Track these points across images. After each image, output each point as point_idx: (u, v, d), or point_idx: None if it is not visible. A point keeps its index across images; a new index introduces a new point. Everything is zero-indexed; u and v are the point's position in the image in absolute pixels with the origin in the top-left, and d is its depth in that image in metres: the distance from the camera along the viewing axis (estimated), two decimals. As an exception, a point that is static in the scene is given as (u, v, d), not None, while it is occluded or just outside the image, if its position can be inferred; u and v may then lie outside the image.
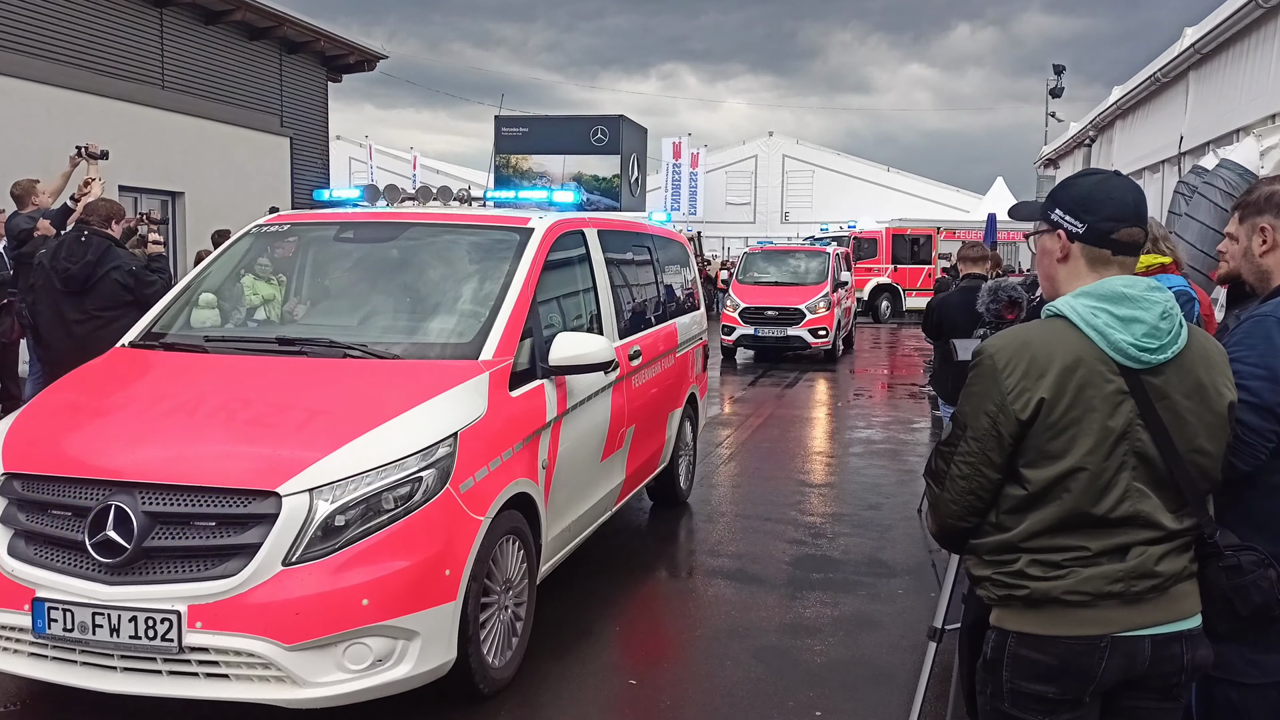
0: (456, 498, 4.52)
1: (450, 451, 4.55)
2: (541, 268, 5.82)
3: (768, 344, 20.95)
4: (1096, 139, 19.89)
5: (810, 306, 20.36)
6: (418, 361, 5.18)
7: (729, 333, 20.78)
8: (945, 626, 3.95)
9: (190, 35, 17.93)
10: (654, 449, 7.68)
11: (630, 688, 5.29)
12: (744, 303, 20.87)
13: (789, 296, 20.75)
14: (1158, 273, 4.83)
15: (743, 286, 21.67)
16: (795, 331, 20.37)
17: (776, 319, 20.46)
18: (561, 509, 5.72)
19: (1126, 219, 2.62)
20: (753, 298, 20.98)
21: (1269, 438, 2.82)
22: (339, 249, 6.61)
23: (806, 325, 20.31)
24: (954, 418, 2.71)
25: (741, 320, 20.66)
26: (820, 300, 20.56)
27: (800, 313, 20.37)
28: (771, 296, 20.85)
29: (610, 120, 33.95)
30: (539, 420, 5.37)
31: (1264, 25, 10.27)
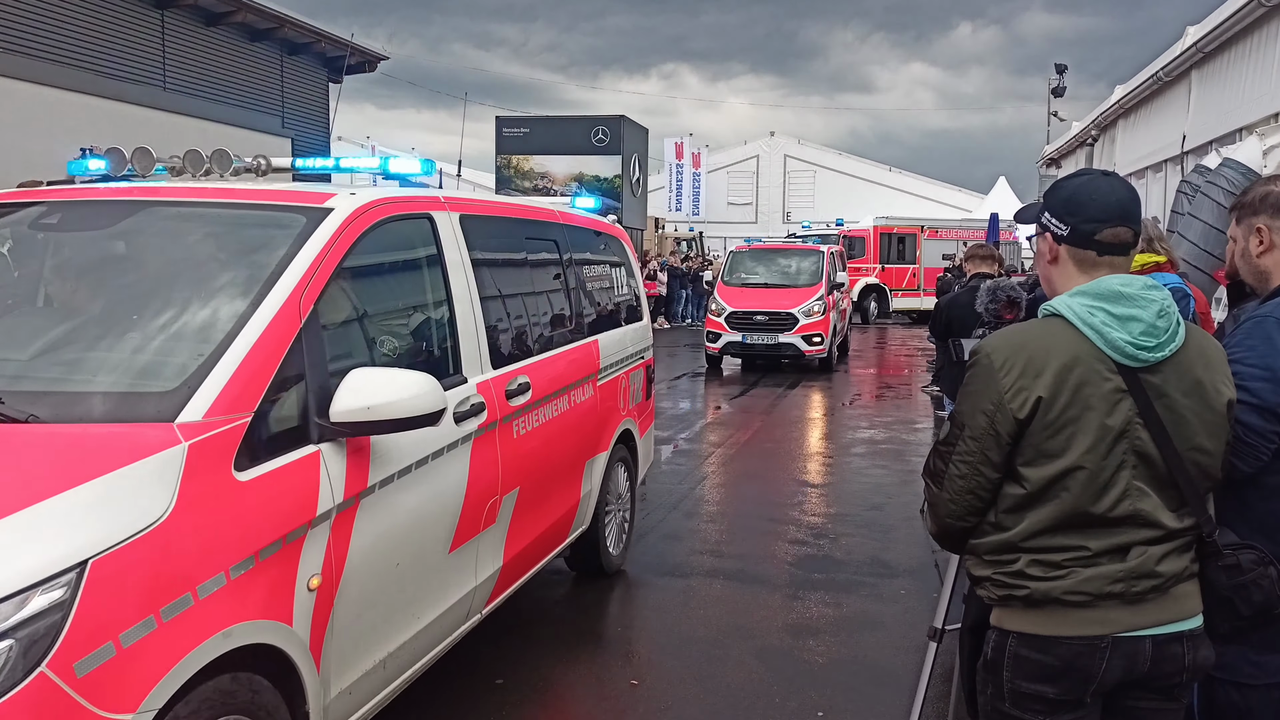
0: (64, 688, 2.54)
1: (60, 600, 2.57)
2: (336, 269, 3.88)
3: (757, 352, 19.47)
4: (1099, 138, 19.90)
5: (804, 311, 18.88)
6: (63, 426, 3.15)
7: (714, 339, 19.30)
8: (946, 627, 3.94)
9: (192, 37, 17.95)
10: (560, 513, 5.80)
11: (632, 688, 5.28)
12: (730, 307, 19.38)
13: (780, 300, 19.25)
14: (1153, 271, 4.84)
15: (729, 289, 20.17)
16: (787, 338, 18.91)
17: (766, 325, 18.99)
18: (365, 642, 3.79)
19: (1109, 220, 2.61)
20: (740, 301, 19.51)
21: (1271, 439, 2.81)
22: (35, 241, 4.53)
23: (800, 331, 18.83)
24: (952, 417, 2.71)
25: (728, 326, 19.17)
26: (815, 303, 19.08)
27: (792, 318, 18.90)
28: (761, 300, 19.39)
29: (612, 120, 33.96)
30: (302, 513, 3.40)
31: (1266, 24, 10.27)
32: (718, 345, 19.21)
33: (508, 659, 5.55)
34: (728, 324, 19.11)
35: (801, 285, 19.64)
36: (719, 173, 50.92)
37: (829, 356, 19.43)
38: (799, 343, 18.79)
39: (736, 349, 19.32)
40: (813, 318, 18.87)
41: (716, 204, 49.30)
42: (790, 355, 19.20)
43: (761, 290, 19.75)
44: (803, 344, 18.80)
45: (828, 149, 54.82)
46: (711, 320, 19.48)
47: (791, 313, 18.86)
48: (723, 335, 19.13)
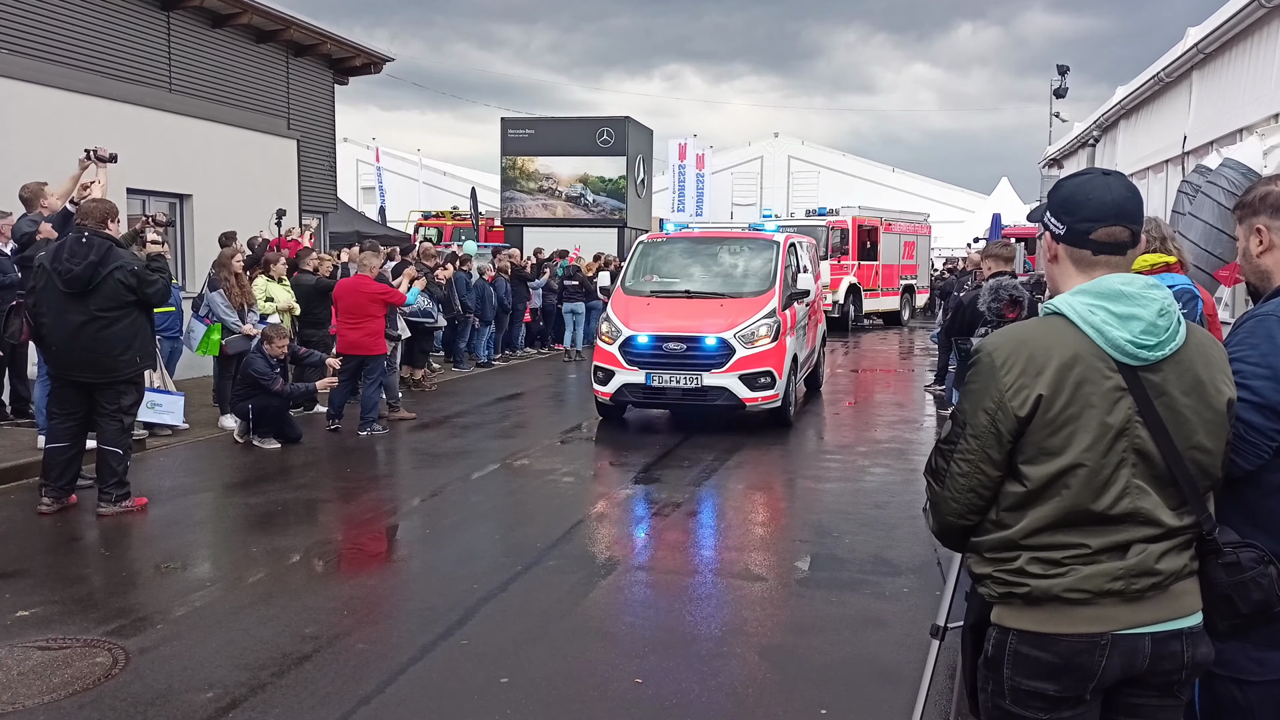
0: None
1: None
2: None
3: (670, 401, 12.67)
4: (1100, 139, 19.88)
5: (744, 335, 12.29)
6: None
7: (604, 380, 12.66)
8: (948, 625, 3.96)
9: (197, 38, 17.97)
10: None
11: (636, 686, 5.30)
12: (629, 329, 12.54)
13: (709, 318, 12.59)
14: (1162, 271, 4.85)
15: (632, 300, 13.26)
16: (717, 379, 12.19)
17: (685, 358, 12.30)
18: None
19: (1104, 219, 2.63)
20: (647, 320, 12.67)
21: (1272, 437, 2.83)
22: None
23: (737, 368, 12.15)
24: (953, 415, 2.73)
25: (625, 359, 12.44)
26: (761, 323, 12.43)
27: (725, 348, 12.22)
28: (679, 317, 12.70)
29: (616, 121, 33.94)
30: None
31: (1267, 25, 10.28)
32: (609, 389, 12.63)
33: (512, 657, 5.58)
34: (625, 355, 12.49)
35: (745, 294, 13.09)
36: (723, 174, 50.93)
37: (785, 406, 12.67)
38: (735, 386, 12.19)
39: (638, 395, 12.60)
40: (758, 345, 12.29)
41: (720, 205, 49.25)
42: (722, 407, 12.44)
43: (681, 303, 13.08)
44: (742, 388, 12.19)
45: (831, 150, 54.90)
46: (601, 350, 12.80)
47: (724, 339, 12.25)
48: (617, 373, 12.51)
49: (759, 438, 12.23)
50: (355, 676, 5.32)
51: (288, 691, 5.15)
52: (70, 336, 8.07)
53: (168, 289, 8.47)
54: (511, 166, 33.90)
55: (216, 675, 5.33)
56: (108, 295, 8.01)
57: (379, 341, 12.48)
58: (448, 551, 7.72)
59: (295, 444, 11.43)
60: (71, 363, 8.17)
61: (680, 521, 8.48)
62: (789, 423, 12.92)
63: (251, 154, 19.09)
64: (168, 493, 9.27)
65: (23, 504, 8.61)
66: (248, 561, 7.34)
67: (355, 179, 48.52)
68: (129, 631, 5.91)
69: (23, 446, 10.17)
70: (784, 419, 12.87)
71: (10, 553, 7.40)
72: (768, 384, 12.31)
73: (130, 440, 8.62)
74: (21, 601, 6.37)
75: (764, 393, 12.30)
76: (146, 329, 8.45)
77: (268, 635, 5.88)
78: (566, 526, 8.21)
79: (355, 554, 7.86)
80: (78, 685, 5.18)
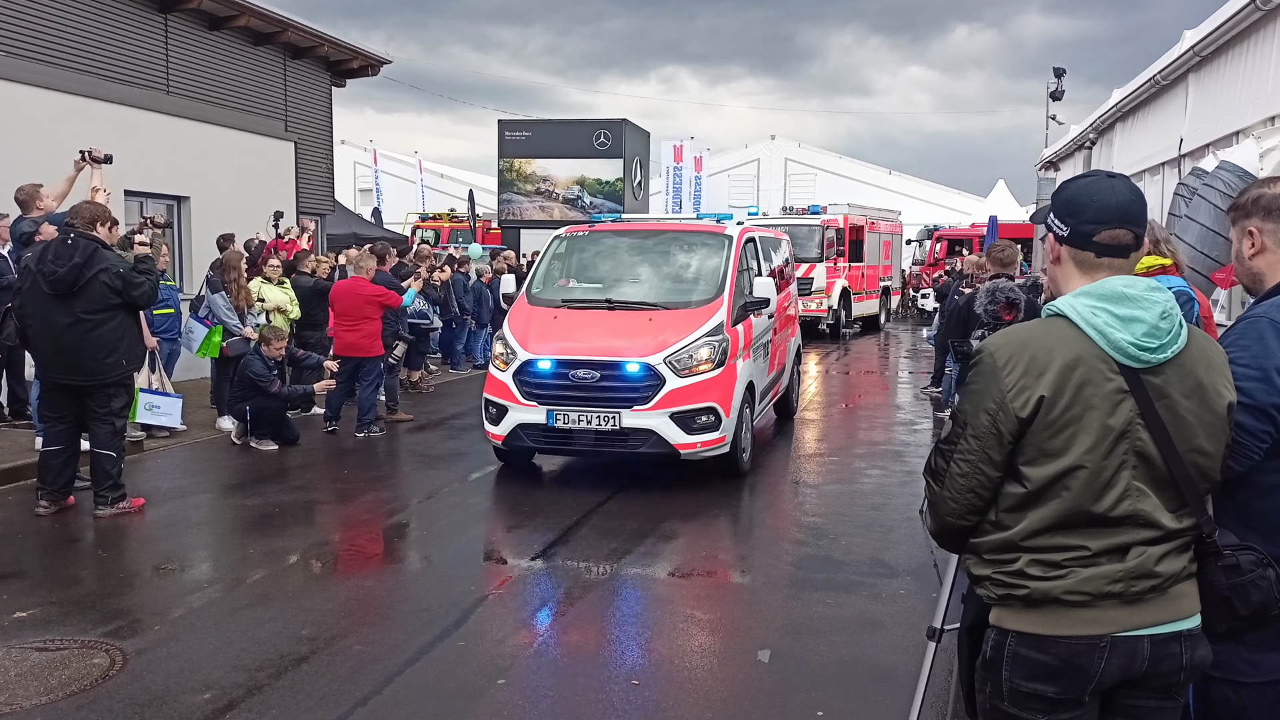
0: None
1: None
2: None
3: (580, 448, 9.81)
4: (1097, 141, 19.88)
5: (677, 359, 9.44)
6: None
7: (496, 417, 9.80)
8: (945, 627, 3.97)
9: (195, 41, 17.97)
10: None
11: (634, 688, 5.31)
12: (528, 350, 9.73)
13: (630, 335, 9.73)
14: (1158, 274, 4.87)
15: (536, 312, 10.38)
16: (639, 419, 9.35)
17: (597, 390, 9.47)
18: None
19: (1108, 221, 2.63)
20: (551, 338, 9.83)
21: (1263, 438, 2.84)
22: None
23: (666, 404, 9.33)
24: (953, 415, 2.73)
25: (521, 392, 9.64)
26: (700, 343, 9.59)
27: (651, 376, 9.39)
28: (594, 334, 9.85)
29: (613, 124, 33.94)
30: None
31: (1263, 28, 10.28)
32: (501, 430, 9.75)
33: (509, 658, 5.58)
34: (521, 386, 9.64)
35: (684, 304, 10.19)
36: (719, 176, 50.86)
37: (735, 451, 9.81)
38: (665, 428, 9.31)
39: (537, 439, 9.72)
40: (697, 373, 9.44)
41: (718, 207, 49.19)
42: (648, 455, 9.56)
43: (600, 316, 10.17)
44: (673, 430, 9.32)
45: (828, 152, 54.83)
46: (493, 378, 9.96)
47: (650, 365, 9.37)
48: (511, 410, 9.65)
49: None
50: (352, 678, 5.32)
51: (285, 693, 5.15)
52: (56, 339, 8.03)
53: (155, 291, 8.43)
54: (508, 169, 33.88)
55: (214, 676, 5.33)
56: (93, 297, 7.97)
57: (376, 343, 12.47)
58: (445, 553, 7.73)
59: (293, 446, 11.42)
60: (58, 365, 8.15)
61: (677, 523, 8.48)
62: (740, 472, 10.01)
63: (249, 156, 19.08)
64: (165, 494, 9.26)
65: (20, 505, 8.61)
66: (245, 563, 7.34)
67: (352, 181, 48.47)
68: (126, 633, 5.91)
69: (20, 448, 10.17)
70: (733, 468, 9.92)
71: (8, 554, 7.40)
72: (709, 423, 9.38)
73: (123, 442, 8.60)
74: (19, 603, 6.37)
75: (704, 435, 9.36)
76: (134, 331, 8.42)
77: (265, 636, 5.88)
78: (567, 525, 8.21)
79: (352, 555, 7.86)
80: (75, 686, 5.18)
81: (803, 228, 25.52)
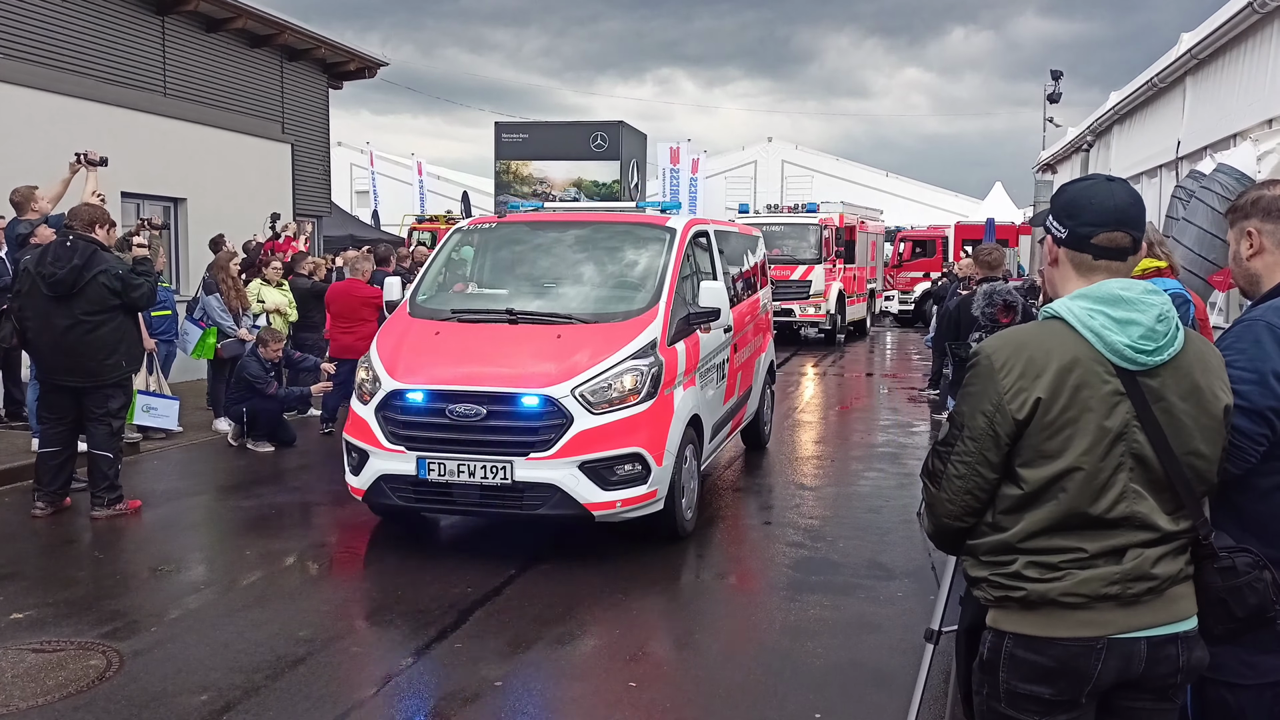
0: None
1: None
2: None
3: (463, 507, 7.57)
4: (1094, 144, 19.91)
5: (590, 389, 7.31)
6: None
7: (356, 465, 7.66)
8: (942, 629, 3.97)
9: (192, 43, 17.97)
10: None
11: (630, 689, 5.31)
12: (395, 379, 7.54)
13: (529, 357, 7.55)
14: (1153, 276, 4.87)
15: (415, 327, 8.20)
16: (538, 470, 7.15)
17: (482, 431, 7.27)
18: None
19: (1105, 224, 2.64)
20: (427, 361, 7.68)
21: (1259, 441, 2.85)
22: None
23: (573, 449, 7.16)
24: (951, 417, 2.73)
25: (384, 433, 7.45)
26: (622, 368, 7.44)
27: (551, 414, 7.22)
28: (483, 356, 7.69)
29: (610, 126, 33.95)
30: None
31: (1260, 30, 10.30)
32: (361, 483, 7.58)
33: (506, 660, 5.58)
34: (386, 425, 7.49)
35: (607, 316, 8.03)
36: (716, 178, 50.87)
37: (670, 509, 7.64)
38: (573, 482, 7.16)
39: (406, 494, 7.46)
40: (617, 408, 7.35)
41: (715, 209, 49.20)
42: (551, 517, 7.41)
43: (496, 332, 7.98)
44: (584, 485, 7.17)
45: (825, 154, 54.92)
46: (354, 415, 7.78)
47: (552, 397, 7.23)
48: (373, 456, 7.48)
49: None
50: (349, 679, 5.32)
51: (282, 694, 5.14)
52: (55, 340, 8.05)
53: (153, 292, 8.45)
54: (505, 170, 33.88)
55: (211, 678, 5.32)
56: (92, 299, 7.98)
57: (372, 345, 12.43)
58: (441, 554, 7.72)
59: (289, 447, 11.41)
60: (57, 367, 8.16)
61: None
62: (680, 534, 7.78)
63: (246, 158, 19.07)
64: (162, 496, 9.25)
65: (17, 507, 8.60)
66: (242, 564, 7.34)
67: (349, 183, 48.43)
68: (123, 634, 5.90)
69: (17, 450, 10.15)
70: (670, 529, 7.69)
71: (4, 556, 7.38)
72: (633, 474, 7.21)
73: (120, 444, 8.60)
74: (16, 604, 6.36)
75: (627, 490, 7.18)
76: (133, 333, 8.43)
77: (262, 638, 5.88)
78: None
79: (349, 557, 7.85)
80: (72, 688, 5.18)
81: (800, 227, 24.99)
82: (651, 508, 7.42)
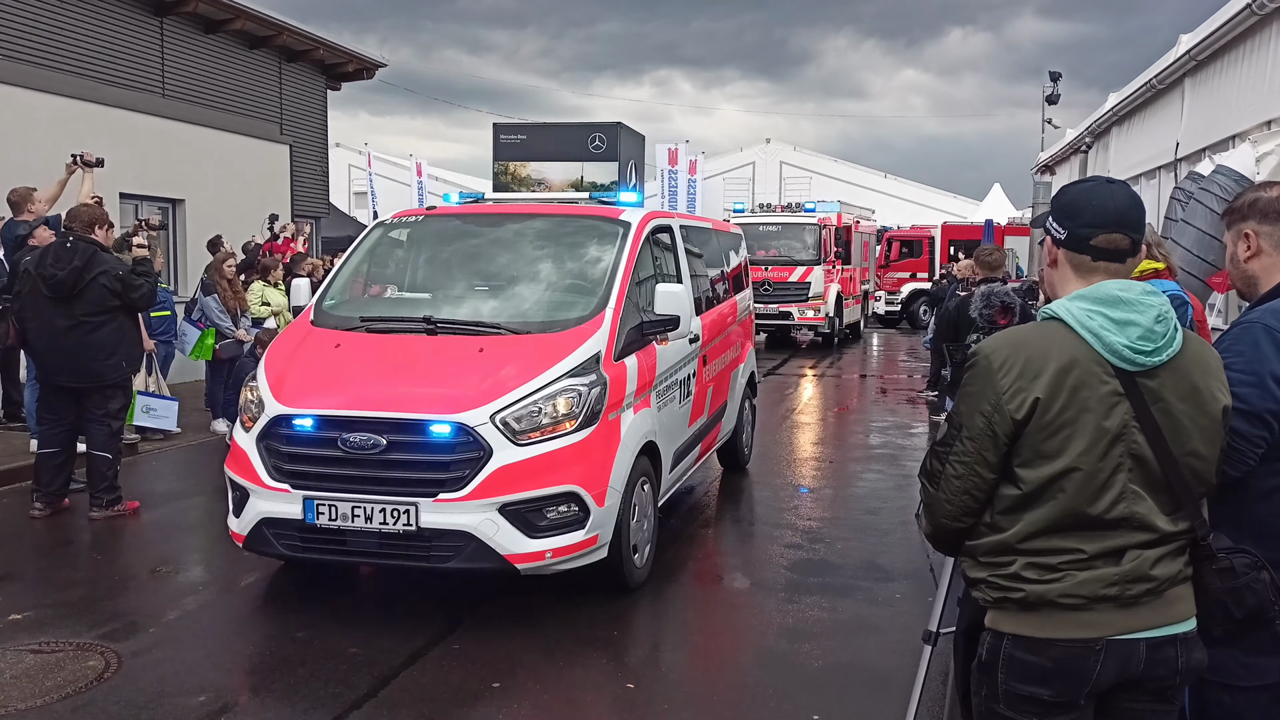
0: None
1: None
2: None
3: (355, 554, 6.16)
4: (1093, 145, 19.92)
5: (513, 415, 6.01)
6: None
7: (238, 506, 6.36)
8: (941, 630, 3.97)
9: (190, 44, 17.98)
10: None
11: (629, 691, 5.30)
12: (281, 402, 6.22)
13: (443, 377, 6.32)
14: (1151, 278, 4.87)
15: (314, 338, 6.94)
16: (446, 514, 5.83)
17: (380, 466, 5.96)
18: None
19: (1104, 225, 2.64)
20: (320, 381, 6.43)
21: (1258, 443, 2.85)
22: None
23: (491, 489, 5.86)
24: (949, 418, 2.73)
25: (266, 467, 6.16)
26: (555, 389, 6.17)
27: (464, 446, 5.92)
28: (388, 374, 6.40)
29: (608, 127, 33.94)
30: None
31: (1259, 32, 10.32)
32: (241, 527, 6.29)
33: (504, 662, 5.57)
34: (268, 457, 6.20)
35: (543, 326, 6.78)
36: (714, 179, 50.84)
37: (617, 557, 6.42)
38: (490, 528, 5.85)
39: (291, 543, 6.15)
40: (548, 438, 6.07)
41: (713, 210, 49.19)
42: (465, 571, 6.09)
43: (409, 345, 6.73)
44: (505, 531, 5.87)
45: (823, 156, 54.86)
46: (235, 445, 6.47)
47: (464, 425, 5.92)
48: (253, 495, 6.18)
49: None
50: (347, 681, 5.31)
51: (280, 695, 5.14)
52: (56, 341, 8.07)
53: (153, 293, 8.47)
54: (504, 171, 33.87)
55: (209, 679, 5.32)
56: (92, 300, 8.00)
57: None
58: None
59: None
60: (58, 368, 8.17)
61: (674, 525, 8.45)
62: (629, 585, 6.62)
63: (244, 159, 19.08)
64: (160, 497, 9.25)
65: (15, 508, 8.59)
66: (240, 566, 7.31)
67: (347, 184, 48.40)
68: (121, 635, 5.90)
69: (15, 451, 10.14)
70: (617, 580, 6.56)
71: (3, 557, 7.38)
72: (568, 518, 6.05)
73: (120, 445, 8.60)
74: (14, 605, 6.36)
75: (559, 538, 6.02)
76: (133, 333, 8.45)
77: (260, 639, 5.88)
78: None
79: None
80: (70, 689, 5.17)
81: (798, 227, 24.55)
82: (591, 557, 6.22)
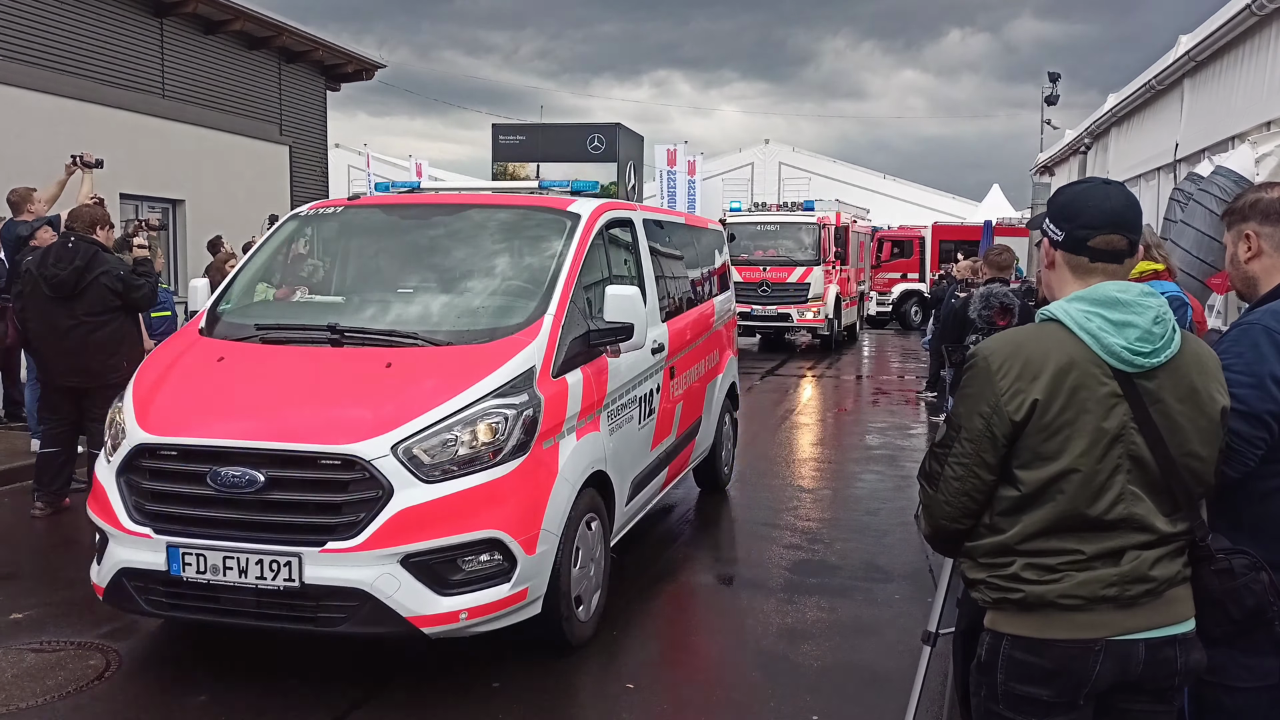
0: None
1: None
2: None
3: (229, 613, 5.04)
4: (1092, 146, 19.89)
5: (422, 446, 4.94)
6: None
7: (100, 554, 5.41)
8: (940, 631, 3.98)
9: (190, 45, 17.97)
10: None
11: (628, 692, 5.31)
12: (145, 430, 5.17)
13: (341, 398, 5.21)
14: (1151, 279, 4.88)
15: (197, 349, 5.90)
16: (335, 567, 4.75)
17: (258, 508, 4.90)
18: None
19: (1101, 226, 2.65)
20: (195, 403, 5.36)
21: (1257, 445, 2.85)
22: None
23: (390, 536, 4.77)
24: (948, 419, 2.74)
25: (125, 508, 5.19)
26: (470, 414, 5.07)
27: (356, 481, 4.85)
28: (277, 396, 5.32)
29: (607, 128, 33.92)
30: None
31: (1259, 32, 10.30)
32: (101, 577, 5.31)
33: (504, 663, 5.57)
34: (129, 496, 5.20)
35: (470, 334, 5.70)
36: (713, 180, 50.82)
37: (553, 614, 5.39)
38: (390, 584, 4.77)
39: (156, 598, 5.10)
40: (465, 473, 4.97)
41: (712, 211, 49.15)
42: (359, 636, 5.08)
43: (309, 358, 5.62)
44: (411, 589, 4.80)
45: (822, 156, 54.83)
46: (96, 484, 5.51)
47: (357, 457, 4.84)
48: (113, 540, 5.22)
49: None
50: (346, 680, 5.32)
51: (279, 695, 5.14)
52: (57, 341, 8.09)
53: (154, 293, 8.49)
54: (503, 172, 33.86)
55: (209, 679, 5.32)
56: (94, 300, 8.02)
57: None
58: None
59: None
60: (59, 368, 8.19)
61: (673, 525, 8.44)
62: (569, 643, 5.62)
63: (244, 159, 19.08)
64: (160, 497, 9.23)
65: (16, 508, 8.59)
66: (240, 566, 7.32)
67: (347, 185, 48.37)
68: (122, 635, 5.90)
69: (15, 450, 10.14)
70: (555, 638, 5.57)
71: (4, 556, 7.39)
72: (489, 570, 5.04)
73: (121, 445, 8.59)
74: (15, 604, 6.36)
75: (478, 593, 5.00)
76: (134, 333, 8.47)
77: (261, 638, 5.87)
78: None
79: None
80: (71, 688, 5.18)
81: (797, 226, 24.23)
82: (519, 614, 5.19)
